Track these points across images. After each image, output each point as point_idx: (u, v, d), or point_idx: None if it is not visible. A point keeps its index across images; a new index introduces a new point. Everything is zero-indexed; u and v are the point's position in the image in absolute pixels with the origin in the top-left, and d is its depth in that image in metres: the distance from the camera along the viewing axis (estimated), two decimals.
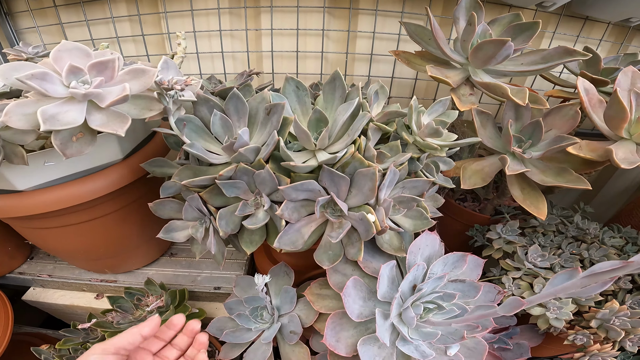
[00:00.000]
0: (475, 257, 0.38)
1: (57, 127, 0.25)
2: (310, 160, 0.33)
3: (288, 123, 0.33)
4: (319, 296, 0.40)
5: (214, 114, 0.34)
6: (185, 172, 0.35)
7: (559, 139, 0.39)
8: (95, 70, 0.28)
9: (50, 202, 0.40)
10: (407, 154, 0.33)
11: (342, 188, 0.32)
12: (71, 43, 0.28)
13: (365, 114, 0.31)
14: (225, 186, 0.33)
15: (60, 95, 0.26)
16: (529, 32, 0.41)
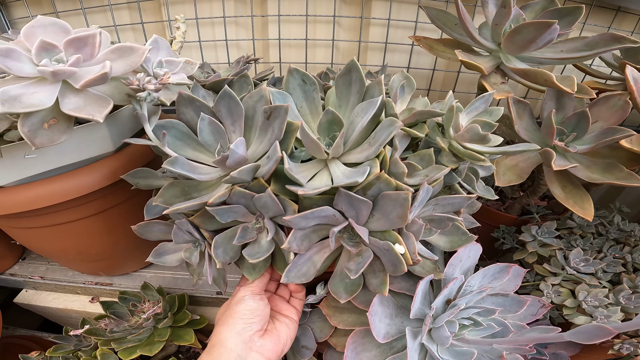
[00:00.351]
0: (518, 267, 0.33)
1: (17, 110, 0.20)
2: (322, 180, 0.26)
3: (293, 129, 0.26)
4: (337, 309, 0.34)
5: (201, 118, 0.27)
6: (171, 190, 0.29)
7: (610, 131, 0.33)
8: (72, 47, 0.23)
9: (33, 199, 0.35)
10: (444, 169, 0.26)
11: (363, 213, 0.26)
12: (48, 18, 0.23)
13: (393, 121, 0.24)
14: (218, 213, 0.27)
15: (27, 74, 0.22)
16: (570, 18, 0.36)
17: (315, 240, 0.29)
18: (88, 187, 0.36)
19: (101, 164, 0.37)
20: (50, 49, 0.23)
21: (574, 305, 0.37)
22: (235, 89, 0.40)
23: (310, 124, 0.32)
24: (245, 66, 0.41)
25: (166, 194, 0.29)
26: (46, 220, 0.39)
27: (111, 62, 0.25)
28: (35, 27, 0.24)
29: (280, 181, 0.27)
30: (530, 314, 0.32)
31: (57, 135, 0.24)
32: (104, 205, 0.41)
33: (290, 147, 0.28)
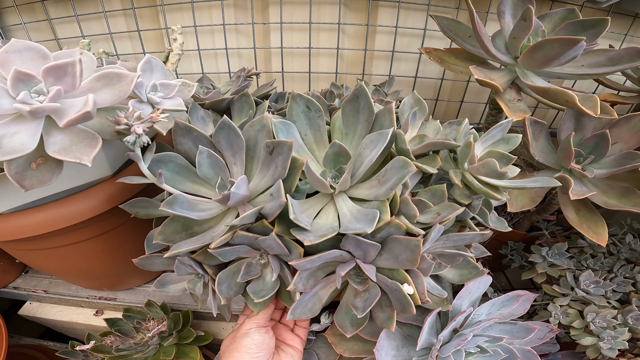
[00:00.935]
0: (528, 295, 0.31)
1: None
2: (328, 219, 0.24)
3: (298, 166, 0.24)
4: (342, 337, 0.33)
5: (200, 152, 0.25)
6: (171, 226, 0.27)
7: (629, 157, 0.31)
8: (51, 76, 0.20)
9: (31, 226, 0.32)
10: (458, 209, 0.24)
11: (371, 253, 0.24)
12: (22, 42, 0.20)
13: (406, 163, 0.22)
14: (221, 254, 0.25)
15: (4, 111, 0.19)
16: (594, 31, 0.33)
17: (321, 277, 0.27)
18: (86, 213, 0.33)
19: (99, 189, 0.34)
20: (28, 80, 0.20)
21: (582, 326, 0.36)
22: (236, 108, 0.38)
23: (314, 152, 0.29)
24: (245, 83, 0.39)
25: (166, 230, 0.27)
26: (45, 243, 0.37)
27: (97, 91, 0.22)
28: (10, 52, 0.21)
29: (284, 222, 0.25)
30: (538, 338, 0.31)
31: (46, 176, 0.21)
32: (103, 228, 0.38)
33: (295, 185, 0.25)
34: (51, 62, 0.21)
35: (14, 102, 0.19)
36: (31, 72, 0.20)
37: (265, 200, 0.25)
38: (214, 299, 0.29)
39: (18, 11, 0.55)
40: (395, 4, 0.51)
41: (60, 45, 0.58)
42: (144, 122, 0.22)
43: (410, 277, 0.24)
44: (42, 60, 0.21)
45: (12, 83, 0.20)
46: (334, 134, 0.30)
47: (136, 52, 0.58)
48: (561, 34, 0.35)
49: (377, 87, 0.42)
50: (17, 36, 0.59)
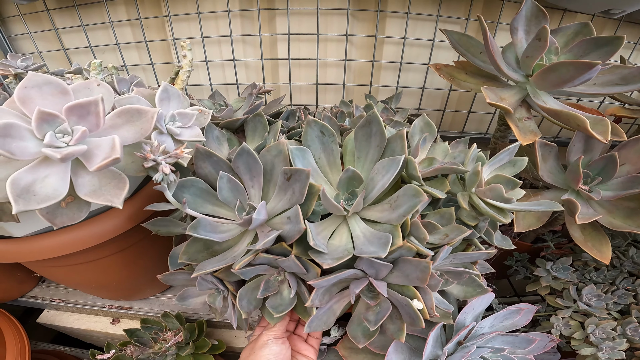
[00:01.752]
0: (529, 309, 0.33)
1: (34, 207, 0.18)
2: (342, 240, 0.26)
3: (315, 192, 0.25)
4: (352, 350, 0.34)
5: (220, 177, 0.26)
6: (194, 245, 0.28)
7: (637, 181, 0.32)
8: (74, 115, 0.20)
9: (52, 248, 0.34)
10: (466, 231, 0.25)
11: (382, 272, 0.25)
12: (41, 76, 0.21)
13: (418, 193, 0.23)
14: (243, 273, 0.26)
15: (32, 155, 0.19)
16: (608, 48, 0.33)
17: (335, 292, 0.29)
18: (108, 234, 0.34)
19: (119, 211, 0.35)
20: (51, 120, 0.20)
21: (582, 337, 0.37)
22: (249, 128, 0.38)
23: (328, 175, 0.30)
24: (258, 101, 0.39)
25: (190, 250, 0.29)
26: (64, 262, 0.38)
27: (119, 128, 0.23)
28: (29, 87, 0.21)
29: (302, 244, 0.26)
30: (539, 347, 0.32)
31: (76, 214, 0.22)
32: (122, 245, 0.40)
33: (312, 209, 0.26)
34: (71, 98, 0.22)
35: (42, 147, 0.20)
36: (55, 112, 0.20)
37: (282, 222, 0.27)
38: (234, 313, 0.30)
39: (24, 20, 0.55)
40: (404, 14, 0.50)
41: (68, 55, 0.58)
42: (169, 157, 0.23)
43: (420, 292, 0.26)
44: (62, 96, 0.22)
45: (37, 124, 0.20)
46: (346, 156, 0.31)
47: (143, 62, 0.58)
48: (574, 52, 0.35)
49: (385, 105, 0.42)
50: (24, 46, 0.59)
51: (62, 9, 0.53)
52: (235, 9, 0.52)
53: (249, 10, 0.52)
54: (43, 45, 0.58)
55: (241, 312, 0.28)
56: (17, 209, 0.18)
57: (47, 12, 0.53)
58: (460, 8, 0.50)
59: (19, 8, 0.53)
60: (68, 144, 0.20)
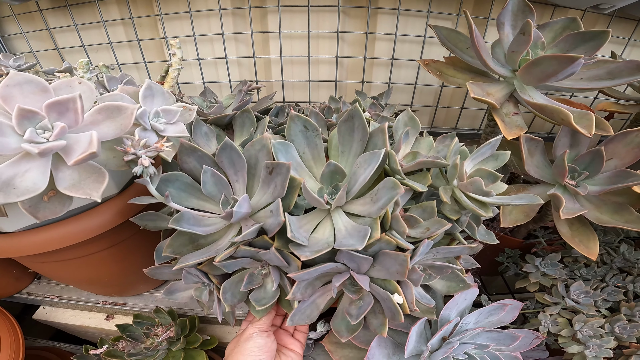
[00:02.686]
0: (514, 304, 0.33)
1: (13, 199, 0.19)
2: (325, 233, 0.26)
3: (296, 185, 0.26)
4: (338, 345, 0.35)
5: (204, 171, 0.27)
6: (179, 239, 0.29)
7: (624, 175, 0.32)
8: (54, 112, 0.21)
9: (41, 243, 0.34)
10: (446, 224, 0.26)
11: (364, 266, 0.26)
12: (21, 75, 0.21)
13: (395, 185, 0.24)
14: (225, 266, 0.27)
15: (13, 150, 0.20)
16: (594, 43, 0.33)
17: (318, 286, 0.30)
18: (97, 229, 0.35)
19: (107, 206, 0.36)
20: (32, 116, 0.21)
21: (570, 334, 0.37)
22: (237, 124, 0.39)
23: (312, 169, 0.31)
24: (247, 98, 0.39)
25: (175, 243, 0.30)
26: (57, 256, 0.39)
27: (99, 124, 0.23)
28: (10, 86, 0.22)
29: (283, 237, 0.27)
30: (525, 344, 0.33)
31: (58, 207, 0.23)
32: (113, 240, 0.40)
33: (294, 202, 0.27)
34: (52, 95, 0.22)
35: (22, 142, 0.20)
36: (35, 109, 0.21)
37: (265, 216, 0.27)
38: (219, 306, 0.31)
39: (17, 20, 0.56)
40: (395, 11, 0.51)
41: (62, 54, 0.59)
42: (149, 151, 0.23)
43: (401, 287, 0.26)
44: (43, 94, 0.22)
45: (18, 120, 0.20)
46: (331, 151, 0.32)
47: (137, 61, 0.59)
48: (560, 46, 0.35)
49: (374, 101, 0.42)
50: (18, 45, 0.60)
51: (55, 8, 0.54)
52: (227, 7, 0.53)
53: (241, 8, 0.53)
54: (37, 44, 0.59)
55: (225, 305, 0.29)
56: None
57: (39, 12, 0.54)
58: (451, 4, 0.50)
59: (12, 8, 0.54)
60: (48, 139, 0.21)
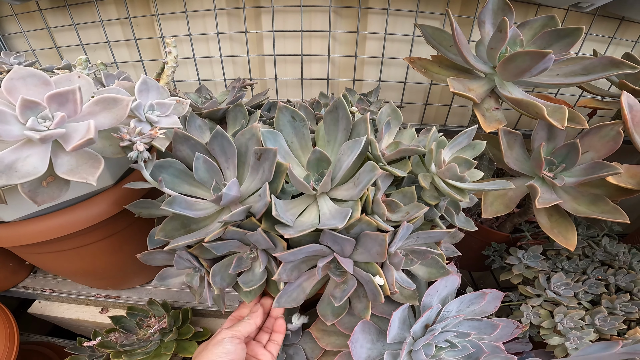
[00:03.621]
0: (494, 293, 0.35)
1: (15, 181, 0.21)
2: (311, 217, 0.28)
3: (282, 170, 0.28)
4: (325, 332, 0.37)
5: (196, 158, 0.28)
6: (171, 223, 0.31)
7: (598, 167, 0.34)
8: (55, 102, 0.23)
9: (39, 232, 0.36)
10: (424, 208, 0.27)
11: (347, 248, 0.28)
12: (25, 69, 0.23)
13: (374, 167, 0.26)
14: (215, 247, 0.28)
15: (16, 137, 0.22)
16: (569, 40, 0.35)
17: (304, 270, 0.31)
18: (94, 218, 0.37)
19: (104, 196, 0.38)
20: (34, 107, 0.23)
21: (551, 326, 0.39)
22: (230, 117, 0.41)
23: (300, 158, 0.33)
24: (240, 93, 0.41)
25: (167, 227, 0.31)
26: (54, 247, 0.41)
27: (97, 115, 0.25)
28: (15, 79, 0.24)
29: (271, 219, 0.28)
30: (506, 334, 0.34)
31: (56, 192, 0.25)
32: (109, 231, 0.42)
33: (280, 187, 0.29)
34: (53, 88, 0.24)
35: (24, 129, 0.22)
36: (37, 100, 0.23)
37: (254, 200, 0.29)
38: (209, 290, 0.33)
39: (17, 20, 0.58)
40: (384, 11, 0.53)
41: (60, 53, 0.61)
42: (144, 138, 0.25)
43: (383, 270, 0.28)
44: (45, 87, 0.24)
45: (21, 110, 0.23)
46: (318, 141, 0.34)
47: (134, 59, 0.61)
48: (538, 43, 0.37)
49: (361, 97, 0.44)
50: (18, 44, 0.62)
51: (54, 8, 0.56)
52: (222, 7, 0.55)
53: (235, 8, 0.55)
54: (36, 43, 0.61)
55: (215, 289, 0.31)
56: (1, 182, 0.20)
57: (40, 11, 0.56)
58: (438, 4, 0.53)
59: (13, 8, 0.56)
60: (49, 128, 0.23)
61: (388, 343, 0.31)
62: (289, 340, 0.40)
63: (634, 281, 0.43)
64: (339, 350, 0.36)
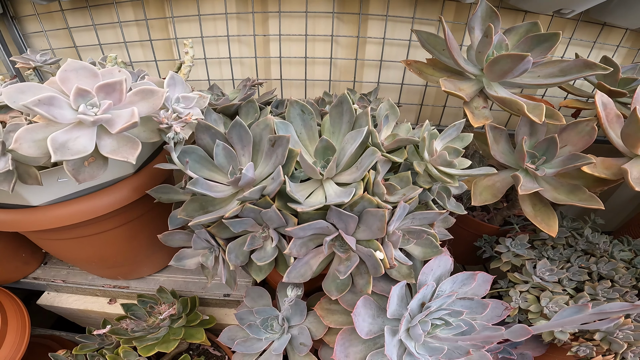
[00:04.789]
0: (484, 274, 0.38)
1: (68, 157, 0.25)
2: (318, 198, 0.32)
3: (294, 155, 0.32)
4: (329, 311, 0.40)
5: (217, 145, 0.33)
6: (191, 205, 0.35)
7: (574, 158, 0.38)
8: (103, 92, 0.27)
9: (64, 217, 0.40)
10: (418, 189, 0.32)
11: (350, 225, 0.31)
12: (78, 62, 0.28)
13: (374, 151, 0.30)
14: (232, 224, 0.32)
15: (69, 120, 0.26)
16: (548, 44, 0.40)
17: (312, 247, 0.35)
18: (114, 205, 0.41)
19: (125, 183, 0.42)
20: (85, 95, 0.27)
21: (538, 310, 0.43)
22: (243, 112, 0.45)
23: (308, 147, 0.37)
24: (251, 91, 0.46)
25: (188, 208, 0.36)
26: (75, 233, 0.44)
27: (136, 103, 0.29)
28: (68, 71, 0.28)
29: (283, 199, 0.33)
30: (496, 316, 0.37)
31: (96, 172, 0.29)
32: (126, 218, 0.46)
33: (292, 170, 0.33)
34: (100, 79, 0.28)
35: (76, 113, 0.27)
36: (88, 89, 0.27)
37: (268, 182, 0.33)
38: (224, 268, 0.36)
39: (39, 19, 0.63)
40: (383, 17, 0.58)
41: (79, 52, 0.66)
42: (180, 122, 0.30)
43: (383, 247, 0.32)
44: (94, 78, 0.29)
45: (74, 97, 0.27)
46: (324, 132, 0.38)
47: (147, 59, 0.65)
48: (521, 47, 0.42)
49: (362, 96, 0.49)
50: (37, 43, 0.67)
51: (75, 9, 0.61)
52: (232, 11, 0.60)
53: (245, 13, 0.60)
54: (55, 42, 0.66)
55: (230, 264, 0.34)
56: (55, 158, 0.24)
57: (61, 12, 0.61)
58: (434, 11, 0.58)
59: (36, 8, 0.61)
60: (96, 114, 0.27)
61: (388, 318, 0.35)
62: (293, 321, 0.44)
63: (615, 269, 0.48)
64: (341, 328, 0.39)
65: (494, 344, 0.36)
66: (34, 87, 0.27)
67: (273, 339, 0.44)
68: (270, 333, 0.44)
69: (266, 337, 0.43)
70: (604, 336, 0.42)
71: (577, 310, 0.25)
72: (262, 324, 0.43)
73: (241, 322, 0.45)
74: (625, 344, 0.40)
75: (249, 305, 0.47)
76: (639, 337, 0.41)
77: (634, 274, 0.47)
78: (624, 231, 0.63)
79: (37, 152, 0.26)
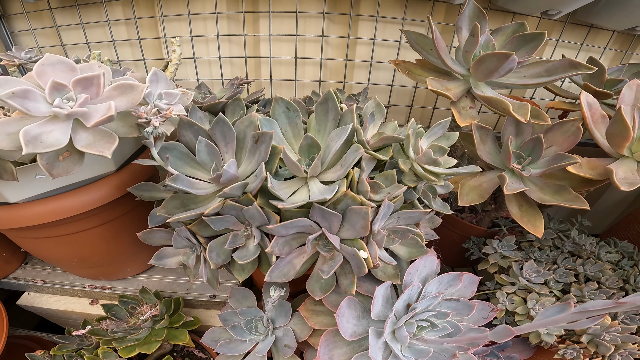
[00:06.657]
0: (471, 275, 0.38)
1: (40, 150, 0.24)
2: (302, 196, 0.31)
3: (277, 152, 0.31)
4: (314, 312, 0.39)
5: (199, 141, 0.32)
6: (172, 202, 0.34)
7: (559, 158, 0.38)
8: (80, 86, 0.27)
9: (43, 214, 0.39)
10: (402, 187, 0.31)
11: (334, 223, 0.31)
12: (55, 56, 0.27)
13: (358, 147, 0.30)
14: (213, 222, 0.32)
15: (43, 114, 0.25)
16: (534, 44, 0.40)
17: (295, 246, 0.34)
18: (94, 203, 0.40)
19: (106, 181, 0.41)
20: (61, 89, 0.27)
21: (524, 312, 0.42)
22: (229, 111, 0.45)
23: (293, 145, 0.37)
24: (238, 89, 0.46)
25: (168, 205, 0.35)
26: (52, 232, 0.43)
27: (114, 98, 0.29)
28: (46, 65, 0.28)
29: (265, 196, 0.32)
30: (482, 318, 0.37)
31: (70, 166, 0.28)
32: (107, 217, 0.45)
33: (275, 168, 0.33)
34: (78, 74, 0.28)
35: (51, 107, 0.26)
36: (64, 83, 0.27)
37: (251, 181, 0.32)
38: (205, 267, 0.35)
39: (27, 18, 0.62)
40: (374, 18, 0.59)
41: (66, 51, 0.65)
42: (160, 117, 0.29)
43: (367, 247, 0.31)
44: (71, 72, 0.28)
45: (49, 91, 0.26)
46: (310, 130, 0.38)
47: (136, 58, 0.65)
48: (508, 47, 0.43)
49: (351, 96, 0.49)
50: (24, 41, 0.66)
51: (63, 7, 0.61)
52: (223, 11, 0.60)
53: (235, 12, 0.60)
54: (43, 41, 0.65)
55: (211, 264, 0.34)
56: (27, 150, 0.24)
57: (49, 10, 0.60)
58: (424, 12, 0.58)
59: (24, 6, 0.60)
60: (72, 108, 0.27)
61: (373, 319, 0.34)
62: (278, 323, 0.43)
63: (602, 271, 0.48)
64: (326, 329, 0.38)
65: (480, 346, 0.35)
66: (10, 81, 0.26)
67: (257, 340, 0.43)
68: (255, 335, 0.43)
69: (250, 339, 0.42)
70: (591, 339, 0.42)
71: (560, 309, 0.25)
72: (246, 325, 0.42)
73: (225, 324, 0.44)
74: (613, 346, 0.40)
75: (233, 307, 0.46)
76: (626, 340, 0.41)
77: (620, 275, 0.47)
78: (611, 234, 0.63)
79: (9, 145, 0.25)
